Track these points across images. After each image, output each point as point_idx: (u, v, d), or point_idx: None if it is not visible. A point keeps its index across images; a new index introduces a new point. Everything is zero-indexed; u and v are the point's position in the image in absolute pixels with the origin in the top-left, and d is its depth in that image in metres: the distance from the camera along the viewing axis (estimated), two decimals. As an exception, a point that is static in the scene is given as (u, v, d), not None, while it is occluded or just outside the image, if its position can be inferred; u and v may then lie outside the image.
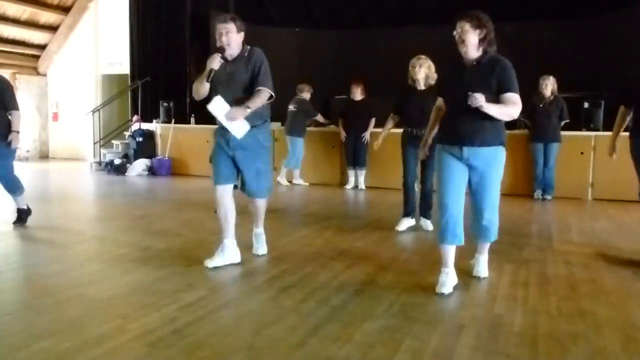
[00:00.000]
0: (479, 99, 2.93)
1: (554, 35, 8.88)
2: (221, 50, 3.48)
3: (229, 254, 3.72)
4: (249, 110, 3.43)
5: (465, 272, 3.52)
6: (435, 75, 4.67)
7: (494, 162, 3.17)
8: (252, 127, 3.53)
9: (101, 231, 5.09)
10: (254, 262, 3.81)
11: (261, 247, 4.03)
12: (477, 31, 3.04)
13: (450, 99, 3.24)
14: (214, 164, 3.69)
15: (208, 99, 3.57)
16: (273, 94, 3.56)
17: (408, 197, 4.95)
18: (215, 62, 3.43)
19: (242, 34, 3.54)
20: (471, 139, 3.09)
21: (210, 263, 3.66)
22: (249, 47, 3.59)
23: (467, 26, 3.04)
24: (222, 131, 3.60)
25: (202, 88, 3.54)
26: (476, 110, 3.00)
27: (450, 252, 3.27)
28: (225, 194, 3.68)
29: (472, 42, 3.05)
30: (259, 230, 4.04)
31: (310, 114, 8.27)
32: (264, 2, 10.81)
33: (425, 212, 4.97)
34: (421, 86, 4.72)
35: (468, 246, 3.42)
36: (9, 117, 4.72)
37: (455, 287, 3.24)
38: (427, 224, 4.95)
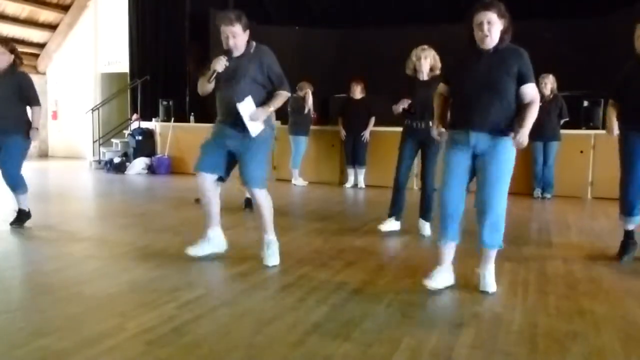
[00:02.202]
0: (520, 140, 2.95)
1: (554, 34, 8.87)
2: (228, 53, 3.47)
3: (213, 243, 3.77)
4: (270, 110, 3.53)
5: (463, 276, 3.52)
6: (439, 65, 4.52)
7: (502, 152, 3.03)
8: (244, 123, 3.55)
9: (100, 229, 5.09)
10: (253, 261, 3.79)
11: (272, 257, 3.68)
12: (502, 20, 2.96)
13: (462, 85, 3.09)
14: (202, 150, 3.66)
15: (212, 94, 3.64)
16: (290, 94, 3.70)
17: (396, 197, 4.72)
18: (219, 65, 3.43)
19: (247, 32, 3.50)
20: (481, 125, 2.99)
21: (191, 251, 3.71)
22: (254, 43, 3.56)
23: (494, 17, 2.93)
24: (221, 123, 3.63)
25: (206, 87, 3.60)
26: (487, 96, 2.97)
27: (446, 251, 3.25)
28: (206, 181, 3.64)
29: (497, 33, 2.96)
30: (269, 238, 3.69)
31: (296, 110, 8.15)
32: (263, 0, 10.80)
33: (424, 214, 4.69)
34: (424, 77, 4.54)
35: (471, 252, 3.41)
36: (30, 112, 4.80)
37: (451, 287, 3.24)
38: (425, 228, 4.66)
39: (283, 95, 3.58)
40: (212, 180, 3.67)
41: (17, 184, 4.78)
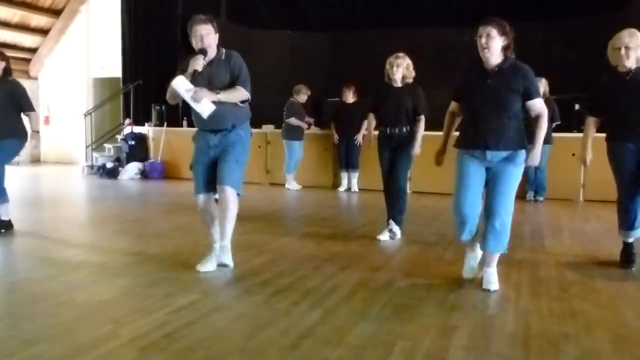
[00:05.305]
0: (533, 160, 3.12)
1: (546, 37, 8.94)
2: (203, 52, 3.46)
3: (219, 257, 3.72)
4: (218, 96, 3.41)
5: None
6: (413, 74, 4.62)
7: (514, 164, 3.18)
8: (232, 127, 3.54)
9: (93, 235, 5.06)
10: (247, 266, 3.80)
11: (228, 261, 3.65)
12: (502, 38, 3.07)
13: (473, 104, 3.23)
14: (194, 173, 3.68)
15: (177, 106, 3.59)
16: (249, 97, 3.57)
17: (389, 205, 4.74)
18: (198, 64, 3.41)
19: (217, 35, 3.53)
20: (495, 144, 3.13)
21: (202, 267, 3.66)
22: (224, 49, 3.58)
23: (493, 32, 3.05)
24: (202, 133, 3.61)
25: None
26: (498, 116, 3.11)
27: (470, 242, 3.42)
28: (207, 202, 3.69)
29: (496, 49, 3.08)
30: (224, 244, 3.63)
31: (287, 115, 8.17)
32: (256, 4, 10.81)
33: (395, 217, 4.68)
34: (398, 84, 4.61)
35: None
36: (27, 118, 4.87)
37: (447, 289, 3.25)
38: (396, 231, 4.66)
39: (240, 91, 3.50)
40: (211, 198, 3.70)
41: None
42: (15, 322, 2.77)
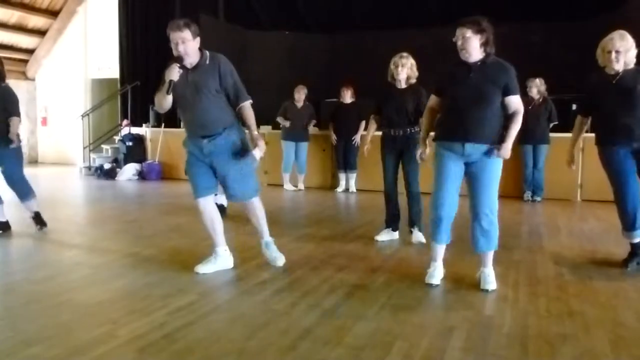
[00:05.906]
0: (504, 153, 3.11)
1: (543, 37, 8.96)
2: (179, 59, 3.38)
3: (220, 261, 3.71)
4: (256, 133, 3.51)
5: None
6: (416, 74, 4.60)
7: (494, 160, 3.21)
8: (223, 130, 3.48)
9: (91, 236, 5.06)
10: (245, 266, 3.80)
11: (278, 257, 3.79)
12: (479, 36, 3.11)
13: (455, 98, 3.24)
14: (191, 177, 3.62)
15: (174, 109, 3.58)
16: (250, 100, 3.58)
17: (389, 208, 4.73)
18: (174, 74, 3.34)
19: (198, 40, 3.43)
20: (474, 135, 3.15)
21: (200, 269, 3.64)
22: (207, 52, 3.49)
23: (468, 33, 3.10)
24: (194, 139, 3.54)
25: (164, 101, 3.47)
26: (480, 108, 3.13)
27: (440, 250, 3.42)
28: (207, 205, 3.65)
29: (474, 48, 3.12)
30: (267, 240, 3.79)
31: (289, 115, 8.22)
32: (254, 6, 10.81)
33: (416, 222, 4.63)
34: (402, 85, 4.57)
35: (472, 257, 3.42)
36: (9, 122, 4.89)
37: (443, 290, 3.27)
38: (419, 236, 4.58)
39: (247, 107, 3.52)
40: (211, 200, 3.68)
41: (23, 191, 4.98)
42: (12, 322, 2.77)
